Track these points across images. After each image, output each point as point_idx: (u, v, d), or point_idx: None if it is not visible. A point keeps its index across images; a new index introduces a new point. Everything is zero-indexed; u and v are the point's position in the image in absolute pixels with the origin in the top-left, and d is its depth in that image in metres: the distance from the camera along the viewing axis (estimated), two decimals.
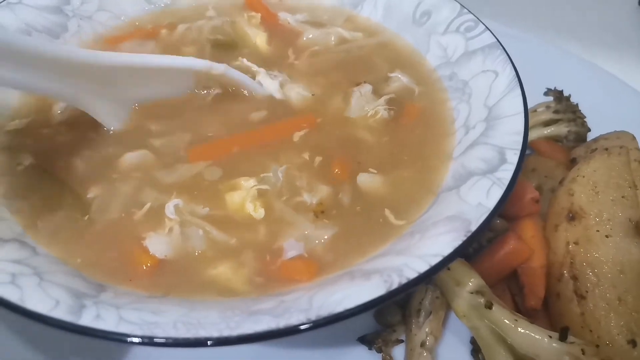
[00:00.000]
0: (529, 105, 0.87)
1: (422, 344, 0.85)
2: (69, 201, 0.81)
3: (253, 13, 1.20)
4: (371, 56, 1.10)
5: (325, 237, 0.77)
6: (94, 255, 0.75)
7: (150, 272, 0.73)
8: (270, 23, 1.18)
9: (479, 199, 0.73)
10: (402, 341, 0.89)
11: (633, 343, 0.80)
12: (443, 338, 0.89)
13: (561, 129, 1.15)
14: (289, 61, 1.08)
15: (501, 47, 0.95)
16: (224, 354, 0.84)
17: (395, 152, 0.91)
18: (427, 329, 0.86)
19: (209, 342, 0.58)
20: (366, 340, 0.88)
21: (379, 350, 0.87)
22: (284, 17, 1.19)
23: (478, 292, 0.83)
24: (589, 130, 1.16)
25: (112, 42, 1.10)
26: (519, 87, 0.87)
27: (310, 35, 1.14)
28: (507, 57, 0.92)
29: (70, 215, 0.80)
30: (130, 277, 0.72)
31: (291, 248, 0.76)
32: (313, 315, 0.60)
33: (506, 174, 0.75)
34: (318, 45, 1.12)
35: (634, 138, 1.05)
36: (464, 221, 0.70)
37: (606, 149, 0.99)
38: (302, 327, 0.59)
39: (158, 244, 0.75)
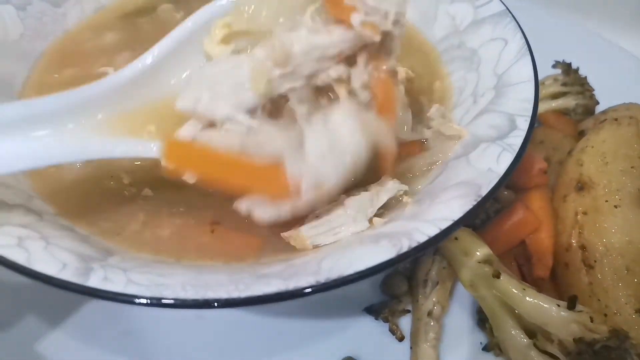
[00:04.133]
0: None
1: (429, 313, 0.85)
2: None
3: None
4: None
5: None
6: None
7: None
8: None
9: (489, 165, 0.72)
10: (408, 311, 0.89)
11: None
12: (449, 308, 0.89)
13: (569, 102, 1.14)
14: None
15: (510, 15, 0.93)
16: (237, 328, 0.86)
17: None
18: (434, 299, 0.86)
19: (216, 303, 0.57)
20: (373, 311, 0.88)
21: (386, 320, 0.87)
22: None
23: (486, 261, 0.83)
24: (597, 103, 1.14)
25: None
26: (529, 54, 0.86)
27: None
28: (516, 24, 0.91)
29: None
30: None
31: None
32: (322, 277, 0.59)
33: (517, 139, 0.74)
34: None
35: None
36: (474, 186, 0.69)
37: (615, 120, 0.98)
38: (312, 289, 0.58)
39: None
